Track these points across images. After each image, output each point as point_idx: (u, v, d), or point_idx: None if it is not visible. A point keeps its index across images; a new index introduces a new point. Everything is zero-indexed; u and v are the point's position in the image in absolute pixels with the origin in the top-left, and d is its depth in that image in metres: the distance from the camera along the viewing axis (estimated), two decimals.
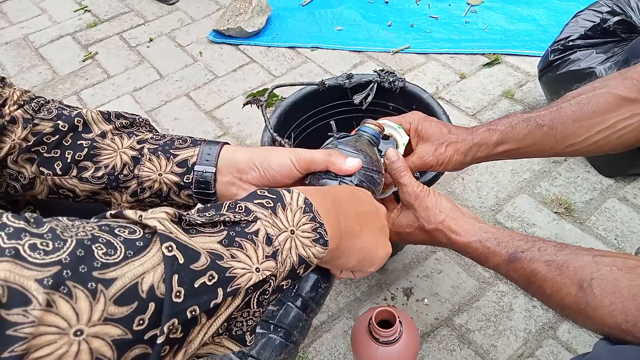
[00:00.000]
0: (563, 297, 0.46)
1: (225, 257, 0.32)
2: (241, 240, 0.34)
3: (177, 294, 0.29)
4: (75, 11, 1.79)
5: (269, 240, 0.35)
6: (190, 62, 1.54)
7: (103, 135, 0.51)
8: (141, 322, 0.28)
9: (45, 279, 0.25)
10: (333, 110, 0.97)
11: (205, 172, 0.50)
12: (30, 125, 0.49)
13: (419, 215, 0.57)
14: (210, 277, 0.31)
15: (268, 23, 1.64)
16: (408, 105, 0.89)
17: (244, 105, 0.83)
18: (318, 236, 0.39)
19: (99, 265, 0.27)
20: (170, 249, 0.30)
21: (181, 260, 0.30)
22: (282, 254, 0.36)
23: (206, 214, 0.35)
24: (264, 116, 0.80)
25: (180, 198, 0.52)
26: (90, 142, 0.50)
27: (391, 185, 0.64)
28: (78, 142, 0.50)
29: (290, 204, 0.38)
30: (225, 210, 0.35)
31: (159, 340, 0.28)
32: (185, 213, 0.33)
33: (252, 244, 0.34)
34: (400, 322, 0.68)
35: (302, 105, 0.93)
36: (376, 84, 0.90)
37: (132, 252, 0.28)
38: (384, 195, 0.69)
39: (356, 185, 0.51)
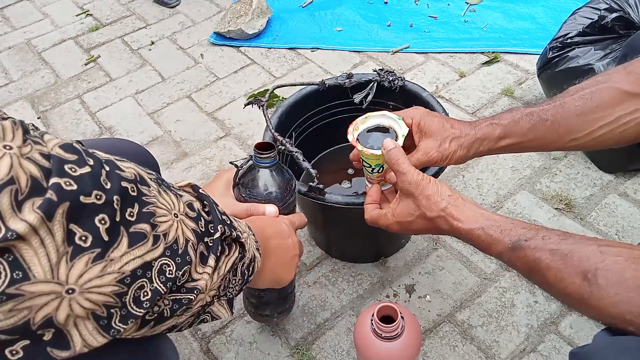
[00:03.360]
0: (566, 286, 0.46)
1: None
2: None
3: (221, 211, 0.45)
4: (77, 15, 1.81)
5: (240, 230, 0.49)
6: (192, 65, 1.55)
7: None
8: (201, 226, 0.41)
9: (159, 178, 0.42)
10: (333, 109, 0.98)
11: None
12: None
13: (420, 203, 0.57)
14: (227, 217, 0.46)
15: (268, 25, 1.65)
16: (408, 104, 0.89)
17: (245, 105, 0.84)
18: (258, 247, 0.52)
19: (170, 185, 0.43)
20: (203, 191, 0.46)
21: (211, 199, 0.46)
22: (247, 243, 0.48)
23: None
24: (265, 116, 0.81)
25: None
26: None
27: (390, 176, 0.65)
28: None
29: (239, 222, 0.52)
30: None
31: (217, 235, 0.42)
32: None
33: (237, 221, 0.49)
34: (402, 317, 0.68)
35: (303, 105, 0.94)
36: (376, 83, 0.90)
37: (176, 190, 0.43)
38: (385, 187, 0.69)
39: (283, 213, 0.65)
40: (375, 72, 0.91)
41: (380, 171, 0.68)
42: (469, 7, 1.64)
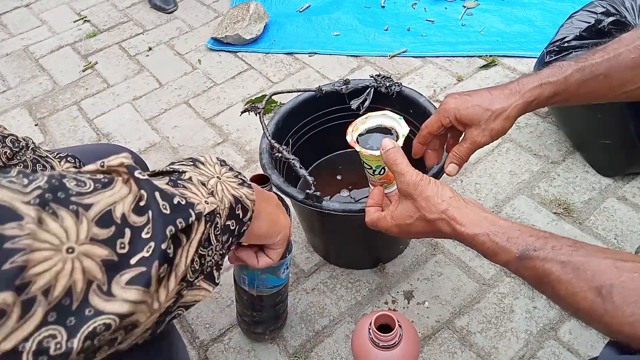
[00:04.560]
0: (578, 300, 0.44)
1: (179, 192, 0.36)
2: (182, 182, 0.38)
3: (164, 206, 0.32)
4: (74, 22, 1.81)
5: (202, 184, 0.40)
6: (189, 70, 1.55)
7: None
8: (122, 245, 0.29)
9: (31, 200, 0.27)
10: (331, 115, 0.97)
11: None
12: None
13: (419, 205, 0.55)
14: (181, 198, 0.35)
15: (266, 30, 1.65)
16: (405, 109, 0.90)
17: (242, 113, 0.84)
18: (242, 181, 0.44)
19: (74, 193, 0.29)
20: (142, 174, 0.33)
21: (155, 182, 0.33)
22: (217, 193, 0.40)
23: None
24: (261, 123, 0.81)
25: None
26: None
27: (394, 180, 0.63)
28: None
29: (206, 160, 0.44)
30: (157, 170, 0.40)
31: (164, 245, 0.31)
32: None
33: (192, 185, 0.39)
34: (400, 326, 0.68)
35: (300, 112, 0.94)
36: (373, 89, 0.90)
37: (100, 185, 0.31)
38: (389, 190, 0.69)
39: None
40: (372, 78, 0.91)
41: (381, 173, 0.66)
42: (467, 10, 1.64)
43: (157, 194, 0.32)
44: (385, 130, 0.68)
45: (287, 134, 0.92)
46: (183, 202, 0.34)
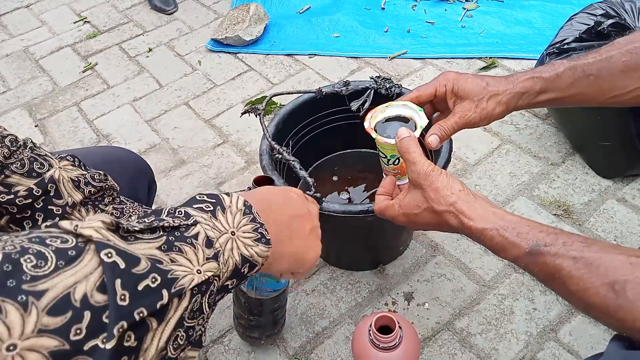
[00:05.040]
0: (590, 296, 0.44)
1: (165, 261, 0.33)
2: (181, 244, 0.34)
3: (122, 297, 0.29)
4: (74, 22, 1.81)
5: (209, 243, 0.36)
6: (189, 71, 1.55)
7: (73, 205, 0.51)
8: (78, 331, 0.27)
9: None
10: (331, 117, 0.98)
11: None
12: (3, 176, 0.49)
13: (428, 195, 0.54)
14: (154, 280, 0.31)
15: (266, 31, 1.65)
16: None
17: (242, 114, 0.84)
18: (260, 236, 0.40)
19: (28, 279, 0.26)
20: (109, 255, 0.30)
21: (122, 265, 0.30)
22: (223, 254, 0.37)
23: (145, 220, 0.35)
24: (261, 125, 0.81)
25: None
26: (61, 209, 0.51)
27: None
28: (49, 207, 0.51)
29: (229, 206, 0.39)
30: (165, 215, 0.36)
31: (109, 346, 0.27)
32: (124, 221, 0.33)
33: (192, 248, 0.35)
34: (400, 327, 0.68)
35: (300, 113, 0.94)
36: (373, 91, 0.90)
37: (63, 263, 0.28)
38: (401, 182, 0.68)
39: None
40: (373, 80, 0.91)
41: (396, 163, 0.66)
42: (466, 12, 1.64)
43: (117, 282, 0.29)
44: (405, 120, 0.67)
45: (287, 135, 0.92)
46: (154, 284, 0.31)
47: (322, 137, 0.99)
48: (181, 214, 0.36)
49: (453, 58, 1.48)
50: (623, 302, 0.41)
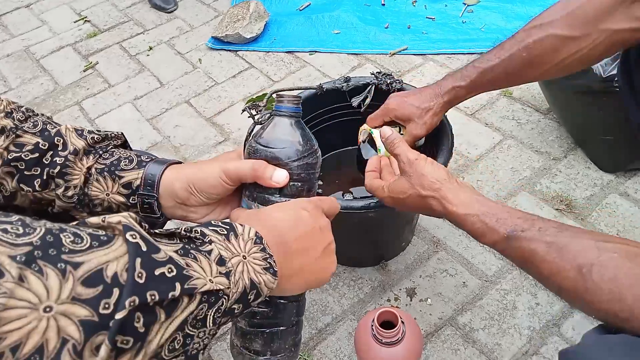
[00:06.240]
0: (561, 279, 0.46)
1: (181, 263, 0.34)
2: (196, 253, 0.36)
3: (139, 274, 0.30)
4: (75, 22, 1.81)
5: (222, 261, 0.37)
6: (190, 69, 1.55)
7: (75, 152, 0.51)
8: (107, 305, 0.29)
9: (18, 256, 0.27)
10: (332, 113, 0.97)
11: (147, 199, 0.51)
12: (14, 135, 0.49)
13: (414, 182, 0.59)
14: (170, 270, 0.32)
15: (266, 28, 1.65)
16: None
17: (243, 111, 0.84)
18: (268, 265, 0.40)
19: (67, 250, 0.29)
20: (134, 236, 0.31)
21: (144, 248, 0.32)
22: (234, 275, 0.37)
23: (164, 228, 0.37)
24: (262, 123, 0.81)
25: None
26: (63, 159, 0.50)
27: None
28: (54, 160, 0.50)
29: (242, 234, 0.40)
30: (182, 231, 0.37)
31: (118, 316, 0.29)
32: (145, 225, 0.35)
33: (206, 259, 0.36)
34: (402, 322, 0.68)
35: (301, 109, 0.94)
36: (374, 87, 0.90)
37: (97, 243, 0.30)
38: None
39: (298, 183, 0.50)
40: (373, 75, 0.91)
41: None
42: (467, 7, 1.63)
43: (138, 260, 0.31)
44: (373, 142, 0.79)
45: None
46: (169, 274, 0.32)
47: (323, 133, 0.99)
48: (197, 232, 0.38)
49: (454, 54, 1.48)
50: (590, 284, 0.43)
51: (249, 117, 0.71)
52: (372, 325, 0.68)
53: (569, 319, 0.88)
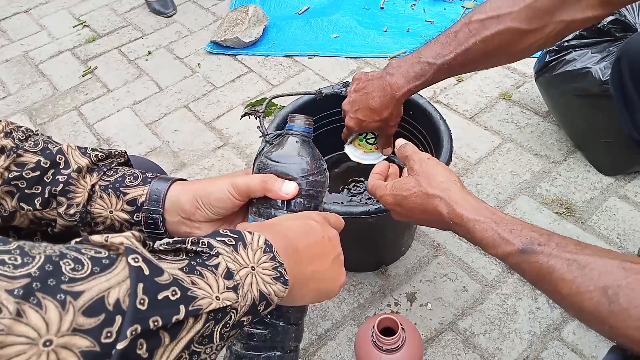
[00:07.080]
0: (583, 300, 0.43)
1: (186, 282, 0.33)
2: (202, 269, 0.35)
3: (141, 301, 0.30)
4: (74, 27, 1.81)
5: (229, 275, 0.36)
6: (189, 74, 1.55)
7: (79, 170, 0.50)
8: (109, 334, 0.28)
9: (16, 290, 0.26)
10: (331, 117, 0.97)
11: (153, 214, 0.50)
12: (14, 155, 0.49)
13: (421, 180, 0.56)
14: (174, 292, 0.32)
15: (265, 33, 1.65)
16: (405, 110, 0.89)
17: (242, 117, 0.84)
18: (278, 274, 0.40)
19: (66, 279, 0.28)
20: (136, 260, 0.31)
21: (146, 272, 0.31)
22: (243, 288, 0.36)
23: (169, 241, 0.35)
24: (262, 127, 0.81)
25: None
26: (66, 177, 0.50)
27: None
28: (56, 178, 0.50)
29: (251, 243, 0.40)
30: (189, 244, 0.36)
31: (120, 346, 0.28)
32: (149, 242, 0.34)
33: (213, 274, 0.35)
34: (403, 329, 0.68)
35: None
36: None
37: (98, 269, 0.29)
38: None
39: (305, 200, 0.50)
40: None
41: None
42: (465, 10, 1.64)
43: (140, 286, 0.30)
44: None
45: None
46: (173, 297, 0.31)
47: (322, 138, 0.98)
48: (204, 244, 0.37)
49: None
50: (615, 308, 0.40)
51: (260, 136, 0.70)
52: (373, 332, 0.67)
53: (569, 323, 0.88)
